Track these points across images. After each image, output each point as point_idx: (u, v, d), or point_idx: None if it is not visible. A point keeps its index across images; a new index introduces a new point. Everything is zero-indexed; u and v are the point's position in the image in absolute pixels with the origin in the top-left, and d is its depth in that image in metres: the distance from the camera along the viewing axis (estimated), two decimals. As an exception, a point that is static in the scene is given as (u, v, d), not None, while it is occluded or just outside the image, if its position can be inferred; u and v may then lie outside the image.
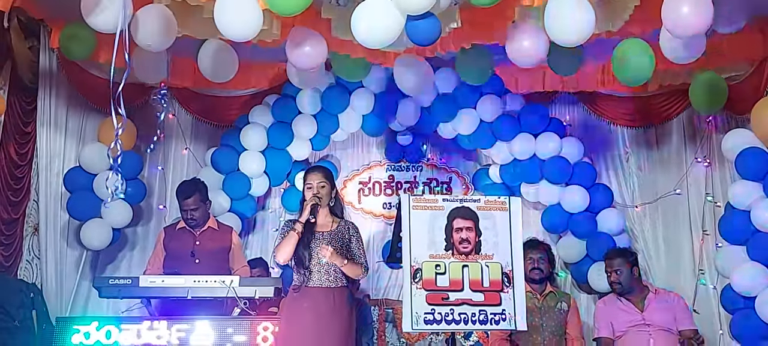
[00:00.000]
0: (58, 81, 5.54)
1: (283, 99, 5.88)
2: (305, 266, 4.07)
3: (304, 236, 4.06)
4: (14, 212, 5.33)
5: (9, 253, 5.28)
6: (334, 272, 4.09)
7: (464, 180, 6.42)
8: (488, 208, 3.79)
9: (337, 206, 4.29)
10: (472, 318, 3.65)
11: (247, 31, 3.84)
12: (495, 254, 3.73)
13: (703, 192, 5.83)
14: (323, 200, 4.15)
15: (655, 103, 6.00)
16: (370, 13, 3.63)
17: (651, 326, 4.63)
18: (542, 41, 4.21)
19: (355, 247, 4.20)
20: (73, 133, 5.69)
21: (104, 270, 5.78)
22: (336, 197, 4.28)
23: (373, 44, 3.79)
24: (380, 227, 6.28)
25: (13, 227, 5.33)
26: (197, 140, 6.21)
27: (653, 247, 6.01)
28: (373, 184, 6.40)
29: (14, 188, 5.32)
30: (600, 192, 5.83)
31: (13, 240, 5.33)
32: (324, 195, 4.16)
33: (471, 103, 5.84)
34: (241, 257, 5.09)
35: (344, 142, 6.33)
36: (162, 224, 5.79)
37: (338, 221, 4.23)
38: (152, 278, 4.30)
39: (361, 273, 4.22)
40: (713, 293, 5.52)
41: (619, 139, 6.24)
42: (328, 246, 4.04)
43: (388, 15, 3.59)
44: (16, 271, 5.39)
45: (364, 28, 3.66)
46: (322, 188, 4.16)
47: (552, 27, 3.85)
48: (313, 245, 4.08)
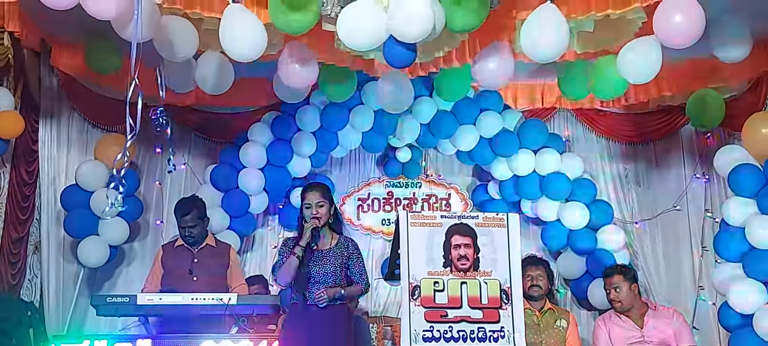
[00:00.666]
0: (60, 98, 5.56)
1: (283, 116, 5.88)
2: (303, 286, 4.06)
3: (302, 257, 4.05)
4: (21, 230, 5.34)
5: (15, 271, 5.28)
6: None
7: (463, 196, 6.42)
8: (486, 224, 3.78)
9: (337, 222, 4.26)
10: (470, 335, 3.63)
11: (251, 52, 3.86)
12: (493, 270, 3.72)
13: (702, 208, 5.84)
14: (322, 219, 4.11)
15: (654, 120, 6.01)
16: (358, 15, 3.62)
17: (650, 343, 4.61)
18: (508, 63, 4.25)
19: (355, 264, 4.18)
20: (76, 151, 5.70)
21: (102, 287, 5.77)
22: (335, 213, 4.24)
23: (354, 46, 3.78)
24: (379, 244, 6.27)
25: (18, 246, 5.33)
26: (196, 157, 6.21)
27: (653, 263, 6.00)
28: (372, 200, 6.40)
29: (22, 206, 5.33)
30: (600, 208, 5.82)
31: (18, 259, 5.33)
32: (323, 214, 4.12)
33: (470, 120, 5.85)
34: (240, 274, 5.06)
35: (343, 159, 6.34)
36: (159, 240, 5.79)
37: (337, 237, 4.21)
38: (150, 296, 4.29)
39: (361, 293, 4.23)
40: (713, 310, 5.50)
41: (618, 156, 6.24)
42: (322, 293, 4.01)
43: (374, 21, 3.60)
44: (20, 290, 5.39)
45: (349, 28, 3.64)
46: (320, 208, 4.12)
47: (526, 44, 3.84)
48: (312, 263, 4.07)
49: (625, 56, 3.99)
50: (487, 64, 4.34)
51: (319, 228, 4.09)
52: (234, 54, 3.91)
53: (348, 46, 3.78)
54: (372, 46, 3.76)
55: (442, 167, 6.46)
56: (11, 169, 5.19)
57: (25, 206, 5.37)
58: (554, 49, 3.77)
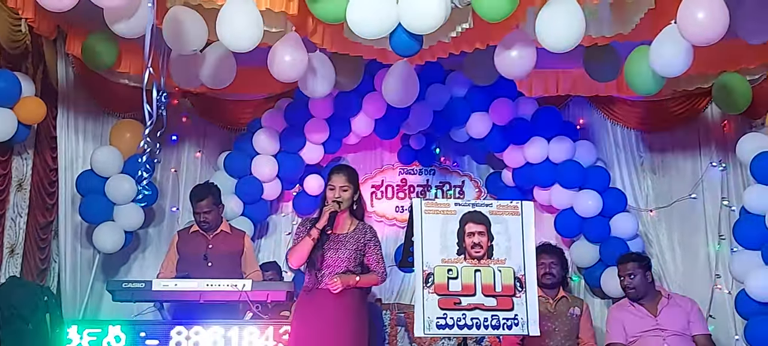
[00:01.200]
0: (76, 85, 5.60)
1: (296, 103, 5.89)
2: (317, 267, 3.98)
3: (318, 240, 3.95)
4: (49, 215, 5.41)
5: (43, 257, 5.35)
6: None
7: (477, 184, 6.41)
8: (500, 212, 3.77)
9: (359, 209, 4.15)
10: (484, 323, 3.63)
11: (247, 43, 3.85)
12: (507, 258, 3.71)
13: (718, 196, 5.79)
14: (344, 203, 4.01)
15: (670, 107, 5.95)
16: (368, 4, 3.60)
17: (664, 331, 4.59)
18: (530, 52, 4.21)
19: (372, 252, 4.06)
20: (92, 137, 5.74)
21: (117, 272, 5.83)
22: (358, 200, 4.14)
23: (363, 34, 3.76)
24: (392, 231, 6.27)
25: (46, 232, 5.40)
26: (210, 144, 6.24)
27: (668, 251, 5.97)
28: (386, 187, 6.40)
29: (49, 191, 5.39)
30: (613, 196, 5.78)
31: (47, 244, 5.39)
32: (345, 199, 4.01)
33: (484, 107, 5.83)
34: (254, 261, 5.10)
35: (356, 146, 6.33)
36: (174, 226, 5.83)
37: (356, 223, 4.10)
38: (165, 282, 4.33)
39: (377, 282, 4.15)
40: (729, 298, 5.47)
41: (634, 143, 6.20)
42: (336, 279, 3.91)
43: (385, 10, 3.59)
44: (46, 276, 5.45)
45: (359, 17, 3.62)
46: (344, 192, 4.01)
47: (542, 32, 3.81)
48: (328, 247, 3.98)
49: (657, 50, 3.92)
50: (509, 53, 4.28)
51: (337, 212, 3.99)
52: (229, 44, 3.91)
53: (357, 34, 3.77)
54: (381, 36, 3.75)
55: (456, 155, 6.45)
56: (34, 156, 5.24)
57: (52, 191, 5.44)
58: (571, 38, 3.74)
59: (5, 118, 4.65)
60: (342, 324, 3.90)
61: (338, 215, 4.02)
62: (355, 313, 3.97)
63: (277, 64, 4.32)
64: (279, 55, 4.29)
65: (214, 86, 5.02)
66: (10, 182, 4.96)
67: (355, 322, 3.96)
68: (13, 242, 5.01)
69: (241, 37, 3.84)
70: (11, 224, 5.00)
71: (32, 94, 4.88)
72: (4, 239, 4.90)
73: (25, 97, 4.77)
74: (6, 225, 4.92)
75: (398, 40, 3.74)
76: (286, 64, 4.30)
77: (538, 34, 3.83)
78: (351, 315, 3.95)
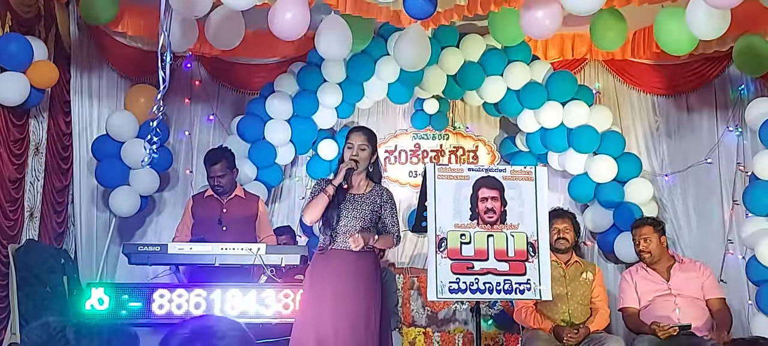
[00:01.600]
0: (90, 49, 5.61)
1: (308, 67, 5.86)
2: (332, 227, 3.94)
3: (334, 197, 3.91)
4: (64, 179, 5.45)
5: (61, 220, 5.41)
6: None
7: (491, 149, 6.39)
8: (514, 177, 3.75)
9: (376, 171, 4.11)
10: (496, 287, 3.63)
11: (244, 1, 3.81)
12: (520, 223, 3.70)
13: (734, 161, 5.74)
14: (361, 163, 3.96)
15: (686, 71, 5.89)
16: None
17: (677, 296, 4.59)
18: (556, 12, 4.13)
19: (388, 215, 4.03)
20: (106, 101, 5.77)
21: (132, 235, 5.89)
22: (376, 162, 4.09)
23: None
24: (406, 196, 6.28)
25: (63, 195, 5.45)
26: (223, 107, 6.25)
27: (682, 216, 5.95)
28: (399, 152, 6.40)
29: (63, 155, 5.44)
30: (628, 161, 5.75)
31: (64, 208, 5.44)
32: (363, 158, 3.96)
33: (498, 71, 5.78)
34: (268, 225, 5.13)
35: (370, 111, 6.31)
36: (188, 190, 5.88)
37: (373, 185, 4.06)
38: (180, 246, 4.37)
39: (392, 244, 4.12)
40: (742, 264, 5.46)
41: (649, 107, 6.15)
42: (356, 235, 3.87)
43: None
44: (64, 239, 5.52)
45: None
46: (362, 151, 3.96)
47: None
48: (343, 207, 3.95)
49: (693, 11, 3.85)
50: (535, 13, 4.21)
51: (354, 170, 3.94)
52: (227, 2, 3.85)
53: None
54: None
55: (470, 119, 6.42)
56: (49, 120, 5.27)
57: (65, 155, 5.48)
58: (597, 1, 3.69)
59: (18, 83, 4.66)
60: (356, 284, 3.88)
61: (355, 176, 3.99)
62: (370, 273, 3.95)
63: (278, 22, 4.26)
64: (280, 12, 4.23)
65: (221, 47, 4.99)
66: (28, 145, 5.00)
67: (370, 282, 3.94)
68: (32, 206, 5.07)
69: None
70: (30, 187, 5.05)
71: (45, 58, 4.88)
72: (24, 202, 4.96)
73: (38, 61, 4.76)
74: (25, 189, 4.97)
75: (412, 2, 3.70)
76: (287, 22, 4.24)
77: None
78: (366, 275, 3.93)
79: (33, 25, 4.99)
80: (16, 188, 4.77)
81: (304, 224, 3.88)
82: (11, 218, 4.72)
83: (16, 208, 4.78)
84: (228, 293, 4.16)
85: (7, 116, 4.71)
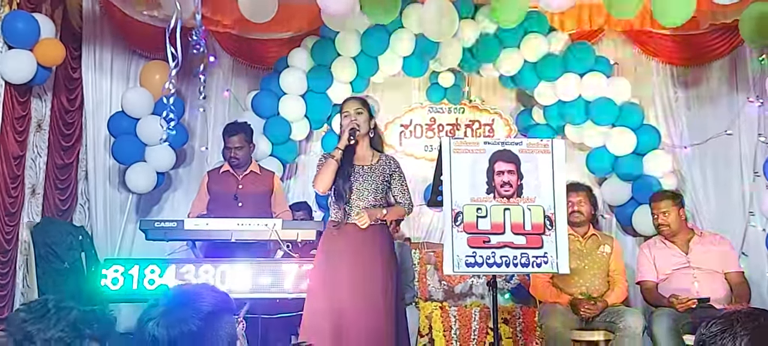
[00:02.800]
0: (102, 26, 5.60)
1: (322, 41, 5.82)
2: (344, 200, 3.90)
3: (343, 169, 3.88)
4: (67, 157, 5.46)
5: (65, 197, 5.42)
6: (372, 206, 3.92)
7: (507, 121, 6.34)
8: (531, 150, 3.71)
9: (377, 138, 4.08)
10: (513, 261, 3.61)
11: None
12: (537, 196, 3.66)
13: (755, 133, 5.66)
14: (362, 126, 3.94)
15: (705, 41, 5.79)
16: None
17: (696, 269, 4.55)
18: None
19: (397, 183, 4.01)
20: (119, 78, 5.77)
21: (149, 212, 5.92)
22: (375, 128, 4.07)
23: None
24: (422, 170, 6.25)
25: (66, 172, 5.46)
26: (238, 83, 6.24)
27: (702, 189, 5.89)
28: (415, 126, 6.37)
29: (66, 133, 5.45)
30: (647, 134, 5.69)
31: (68, 185, 5.46)
32: (362, 122, 3.94)
33: (515, 43, 5.71)
34: (284, 201, 5.13)
35: (385, 85, 6.28)
36: (204, 166, 5.88)
37: (379, 155, 4.03)
38: (196, 221, 4.38)
39: (404, 214, 4.09)
40: (762, 236, 5.40)
41: (668, 79, 6.07)
42: (362, 214, 3.86)
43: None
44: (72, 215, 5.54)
45: None
46: (359, 115, 3.95)
47: None
48: (353, 179, 3.93)
49: None
50: None
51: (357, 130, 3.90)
52: None
53: None
54: None
55: (486, 92, 6.37)
56: (52, 98, 5.27)
57: (68, 133, 5.48)
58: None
59: (25, 60, 4.65)
60: (370, 258, 3.86)
61: (359, 146, 3.97)
62: (384, 246, 3.94)
63: None
64: None
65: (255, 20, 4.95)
66: (30, 123, 5.00)
67: (385, 255, 3.92)
68: (34, 182, 5.09)
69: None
70: (31, 164, 5.07)
71: (52, 36, 4.87)
72: (25, 179, 4.97)
73: (44, 38, 4.74)
74: (26, 165, 4.98)
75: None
76: None
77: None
78: (381, 248, 3.91)
79: (40, 2, 4.97)
80: (17, 165, 4.78)
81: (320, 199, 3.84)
82: (12, 195, 4.74)
83: (17, 185, 4.80)
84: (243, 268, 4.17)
85: (12, 93, 4.71)
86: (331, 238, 3.96)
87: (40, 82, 4.92)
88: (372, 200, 3.93)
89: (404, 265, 5.26)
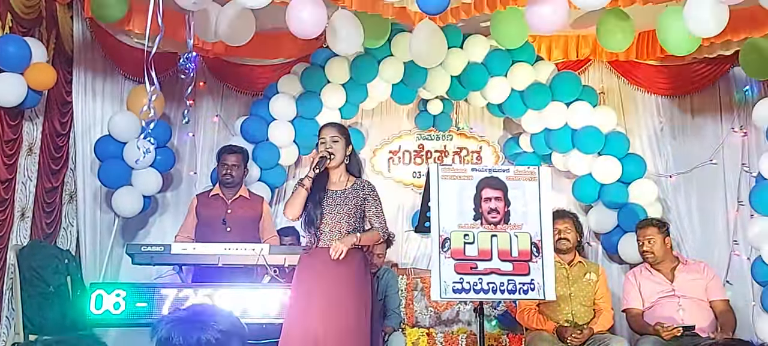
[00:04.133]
0: (93, 50, 5.61)
1: (312, 68, 5.86)
2: (315, 225, 3.88)
3: (315, 195, 3.87)
4: (55, 180, 5.44)
5: (50, 220, 5.39)
6: (346, 232, 3.87)
7: (495, 149, 6.38)
8: (518, 177, 3.75)
9: (354, 164, 4.05)
10: (500, 288, 3.63)
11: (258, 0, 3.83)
12: (524, 223, 3.70)
13: (739, 162, 5.73)
14: (337, 155, 3.92)
15: (690, 72, 5.88)
16: None
17: (681, 297, 4.58)
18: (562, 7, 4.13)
19: (372, 207, 3.95)
20: (109, 102, 5.77)
21: (136, 236, 5.89)
22: (352, 155, 4.04)
23: None
24: (409, 196, 6.28)
25: (53, 195, 5.44)
26: (227, 108, 6.25)
27: (687, 218, 5.94)
28: (403, 153, 6.40)
29: (55, 156, 5.43)
30: (633, 162, 5.74)
31: (53, 208, 5.44)
32: (337, 150, 3.92)
33: (502, 71, 5.77)
34: (272, 226, 5.14)
35: (374, 111, 6.32)
36: (192, 190, 5.88)
37: (354, 179, 4.00)
38: (184, 246, 4.38)
39: (379, 238, 4.00)
40: (747, 265, 5.44)
41: (654, 108, 6.14)
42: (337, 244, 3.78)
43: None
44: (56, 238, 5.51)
45: None
46: (335, 143, 3.93)
47: None
48: (325, 204, 3.90)
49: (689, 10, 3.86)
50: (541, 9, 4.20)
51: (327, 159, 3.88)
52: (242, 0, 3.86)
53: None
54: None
55: (474, 120, 6.42)
56: (44, 121, 5.26)
57: (58, 156, 5.47)
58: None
59: (15, 84, 4.63)
60: (344, 283, 3.81)
61: (334, 171, 3.96)
62: (356, 269, 3.87)
63: (295, 21, 4.26)
64: (296, 10, 4.24)
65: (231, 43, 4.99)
66: (21, 146, 4.99)
67: (358, 279, 3.87)
68: (24, 206, 5.06)
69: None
70: (21, 187, 5.04)
71: (43, 60, 4.87)
72: (15, 202, 4.95)
73: (36, 62, 4.74)
74: (17, 189, 4.97)
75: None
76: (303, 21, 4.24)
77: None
78: (353, 272, 3.85)
79: (34, 27, 4.99)
80: (6, 188, 4.77)
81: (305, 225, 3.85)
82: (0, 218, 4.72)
83: (5, 208, 4.78)
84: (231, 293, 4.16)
85: (3, 116, 4.71)
86: (304, 263, 3.94)
87: (31, 106, 4.92)
88: (346, 225, 3.89)
89: (390, 290, 5.26)
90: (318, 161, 3.87)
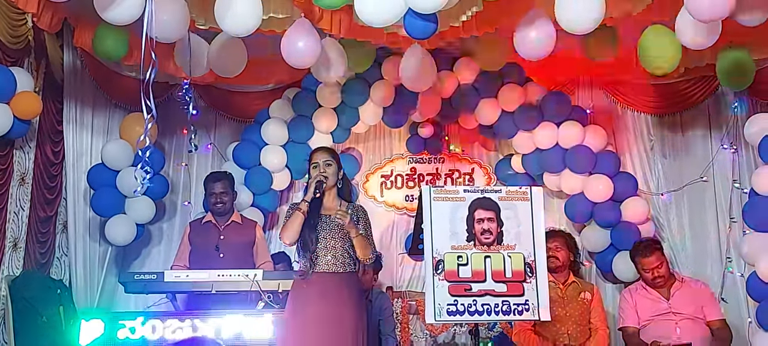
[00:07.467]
0: (83, 79, 5.61)
1: (303, 93, 5.89)
2: (311, 250, 3.88)
3: (310, 219, 3.87)
4: (49, 209, 5.42)
5: (44, 250, 5.37)
6: (341, 256, 3.89)
7: (486, 171, 6.40)
8: (510, 198, 3.76)
9: (345, 189, 4.07)
10: (495, 309, 3.62)
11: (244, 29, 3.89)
12: (517, 244, 3.70)
13: (730, 179, 5.75)
14: (330, 179, 3.95)
15: (679, 89, 5.91)
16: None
17: (677, 315, 4.58)
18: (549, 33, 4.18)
19: (363, 229, 3.96)
20: (99, 131, 5.75)
21: (129, 265, 5.86)
22: (344, 179, 4.07)
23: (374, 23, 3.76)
24: (403, 220, 6.28)
25: (47, 225, 5.41)
26: (219, 135, 6.26)
27: (679, 235, 5.95)
28: (395, 177, 6.40)
29: (49, 185, 5.41)
30: (624, 181, 5.77)
31: (47, 238, 5.41)
32: (330, 174, 3.95)
33: (492, 93, 5.81)
34: (265, 251, 5.12)
35: (366, 135, 6.34)
36: (186, 219, 5.86)
37: (347, 205, 4.02)
38: (177, 273, 4.35)
39: (369, 255, 3.95)
40: (741, 281, 5.45)
41: (644, 126, 6.16)
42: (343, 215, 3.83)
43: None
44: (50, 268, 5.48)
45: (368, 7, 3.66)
46: (328, 166, 3.96)
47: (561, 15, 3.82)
48: (320, 228, 3.91)
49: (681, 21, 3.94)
50: (529, 34, 4.24)
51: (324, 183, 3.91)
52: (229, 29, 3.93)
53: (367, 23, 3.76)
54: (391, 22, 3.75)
55: (465, 142, 6.44)
56: (36, 150, 5.25)
57: (52, 185, 5.45)
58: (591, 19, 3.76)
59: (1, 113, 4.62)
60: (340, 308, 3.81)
61: (326, 197, 3.98)
62: (351, 293, 3.88)
63: (290, 51, 4.31)
64: (292, 40, 4.29)
65: (224, 75, 5.02)
66: (11, 176, 4.96)
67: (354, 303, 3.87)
68: (16, 236, 5.02)
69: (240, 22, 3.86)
70: (13, 217, 5.01)
71: (30, 89, 4.86)
72: (7, 232, 4.92)
73: (21, 92, 4.73)
74: (8, 219, 4.94)
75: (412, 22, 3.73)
76: (299, 50, 4.30)
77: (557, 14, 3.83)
78: (349, 296, 3.86)
79: (22, 57, 4.98)
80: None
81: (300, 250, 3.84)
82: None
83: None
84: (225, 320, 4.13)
85: (-10, 147, 4.69)
86: (298, 289, 3.93)
87: (18, 135, 4.90)
88: (340, 250, 3.90)
89: (384, 313, 5.24)
90: (315, 185, 3.88)
